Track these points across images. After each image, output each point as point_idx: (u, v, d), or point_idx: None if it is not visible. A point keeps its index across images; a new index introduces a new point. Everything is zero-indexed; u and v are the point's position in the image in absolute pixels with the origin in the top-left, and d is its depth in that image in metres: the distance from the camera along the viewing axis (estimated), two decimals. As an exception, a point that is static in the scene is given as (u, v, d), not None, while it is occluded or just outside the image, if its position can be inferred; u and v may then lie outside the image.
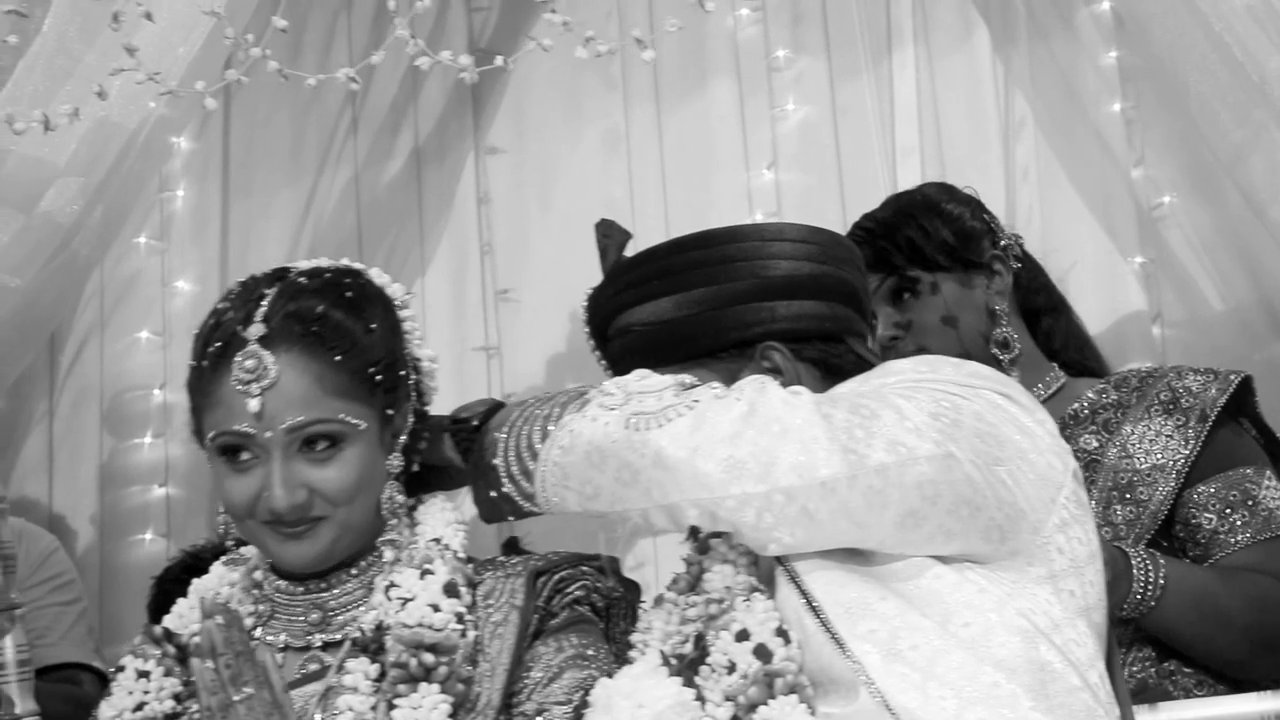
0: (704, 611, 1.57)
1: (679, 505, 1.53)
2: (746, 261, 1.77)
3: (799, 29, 3.09)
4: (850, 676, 1.48)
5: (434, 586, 1.59)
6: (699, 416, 1.54)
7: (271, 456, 1.57)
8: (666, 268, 1.80)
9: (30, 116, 2.09)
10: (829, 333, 1.77)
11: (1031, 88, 2.95)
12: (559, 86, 3.11)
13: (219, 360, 1.58)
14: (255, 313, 1.59)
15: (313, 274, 1.67)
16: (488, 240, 3.14)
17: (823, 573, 1.54)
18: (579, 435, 1.60)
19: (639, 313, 1.80)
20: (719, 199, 3.06)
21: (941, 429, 1.51)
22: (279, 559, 1.64)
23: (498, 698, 1.56)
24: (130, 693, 1.64)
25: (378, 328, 1.63)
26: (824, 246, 1.81)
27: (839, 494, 1.49)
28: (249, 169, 3.20)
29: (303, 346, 1.58)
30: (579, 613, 1.64)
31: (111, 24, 2.03)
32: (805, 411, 1.52)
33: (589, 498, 1.59)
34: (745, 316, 1.75)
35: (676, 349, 1.76)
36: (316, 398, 1.57)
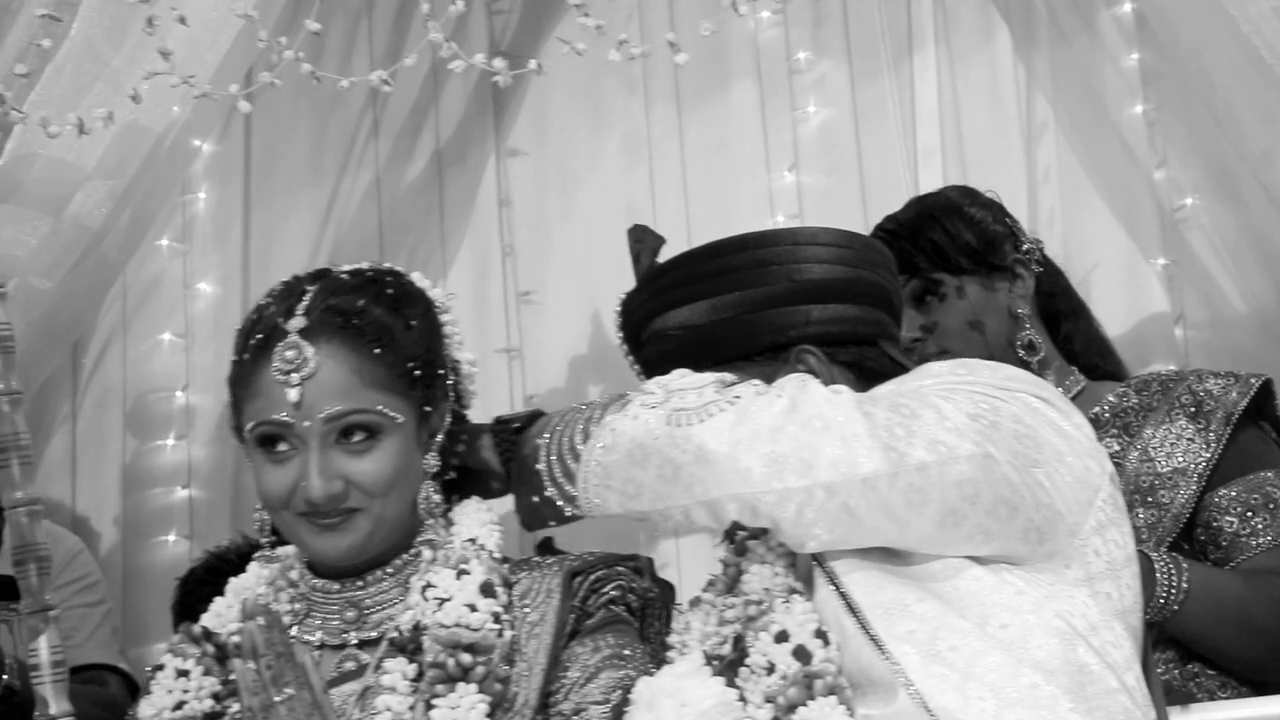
0: (742, 613, 1.58)
1: (720, 500, 1.54)
2: (781, 265, 1.78)
3: (820, 31, 3.09)
4: (889, 677, 1.49)
5: (470, 586, 1.60)
6: (741, 411, 1.55)
7: (309, 447, 1.59)
8: (701, 272, 1.82)
9: (64, 120, 2.10)
10: (862, 336, 1.79)
11: (1053, 90, 2.96)
12: (580, 89, 3.12)
13: (260, 352, 1.60)
14: (296, 306, 1.62)
15: (355, 273, 1.69)
16: (509, 242, 3.15)
17: (861, 574, 1.55)
18: (621, 433, 1.61)
19: (673, 317, 1.81)
20: (740, 201, 3.07)
21: (980, 430, 1.52)
22: (313, 552, 1.64)
23: (535, 697, 1.57)
24: (170, 691, 1.65)
25: (417, 325, 1.65)
26: (858, 250, 1.83)
27: (880, 491, 1.50)
28: (271, 172, 3.20)
29: (342, 339, 1.60)
30: (615, 613, 1.65)
31: (146, 28, 2.05)
32: (847, 409, 1.54)
33: (631, 497, 1.60)
34: (780, 320, 1.77)
35: (711, 353, 1.77)
36: (354, 388, 1.59)
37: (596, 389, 3.06)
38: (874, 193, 2.99)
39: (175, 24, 2.39)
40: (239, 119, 3.12)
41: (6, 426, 2.10)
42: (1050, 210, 2.92)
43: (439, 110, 3.21)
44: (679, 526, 1.62)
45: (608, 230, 3.11)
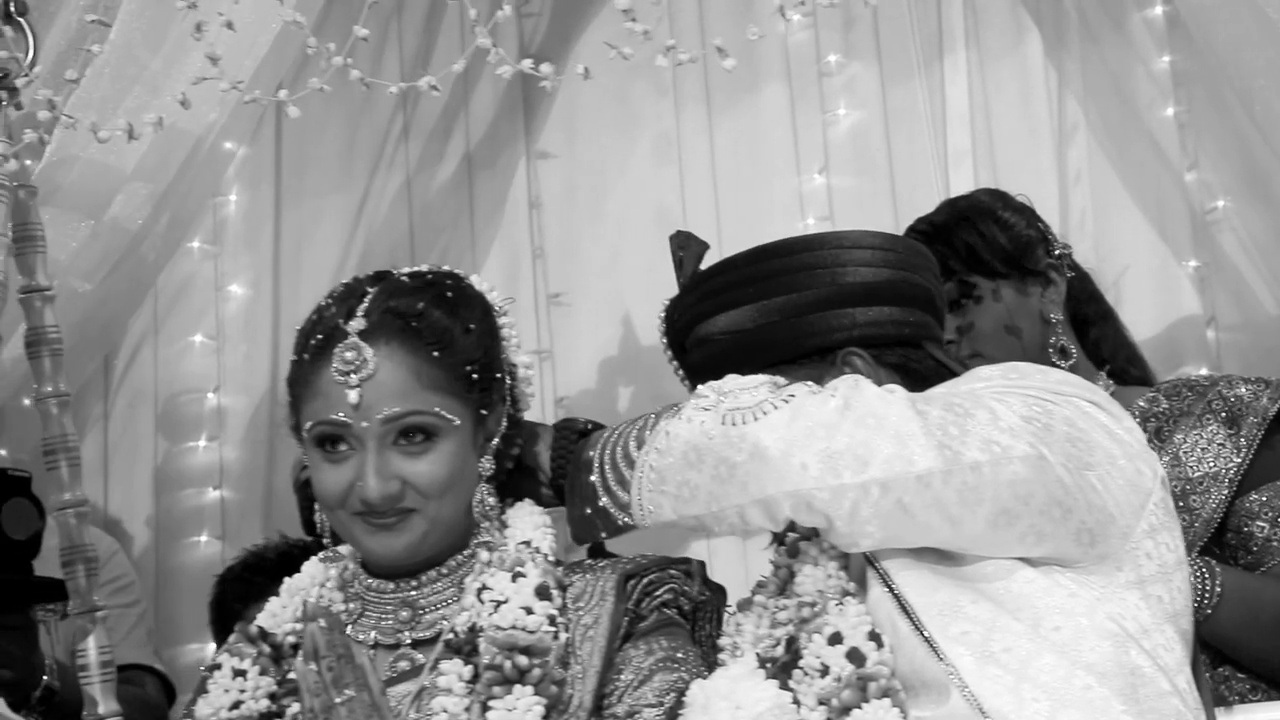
0: (795, 615, 1.58)
1: (775, 498, 1.55)
2: (826, 269, 1.79)
3: (850, 34, 3.10)
4: (943, 679, 1.49)
5: (526, 589, 1.60)
6: (796, 409, 1.56)
7: (366, 447, 1.59)
8: (746, 277, 1.82)
9: (115, 125, 2.11)
10: (908, 338, 1.80)
11: (1084, 92, 2.96)
12: (611, 91, 3.13)
13: (319, 353, 1.62)
14: (356, 308, 1.63)
15: (414, 275, 1.70)
16: (539, 245, 3.16)
17: (915, 575, 1.55)
18: (675, 436, 1.61)
19: (719, 322, 1.82)
20: (770, 203, 3.08)
21: (1034, 431, 1.53)
22: (368, 551, 1.65)
23: (589, 699, 1.58)
24: (227, 691, 1.66)
25: (475, 328, 1.66)
26: (901, 253, 1.83)
27: (934, 488, 1.51)
28: (301, 174, 3.22)
29: (401, 340, 1.61)
30: (667, 615, 1.65)
31: (194, 34, 2.05)
32: (901, 407, 1.54)
33: (685, 500, 1.60)
34: (826, 323, 1.77)
35: (758, 357, 1.78)
36: (413, 390, 1.60)
37: (627, 390, 3.07)
38: (904, 195, 2.99)
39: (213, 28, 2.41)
40: (270, 122, 3.13)
41: (55, 428, 2.13)
42: (1081, 212, 2.93)
43: (469, 113, 3.22)
44: (733, 528, 1.62)
45: (638, 232, 3.13)
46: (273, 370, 3.12)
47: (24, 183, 2.09)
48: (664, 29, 3.14)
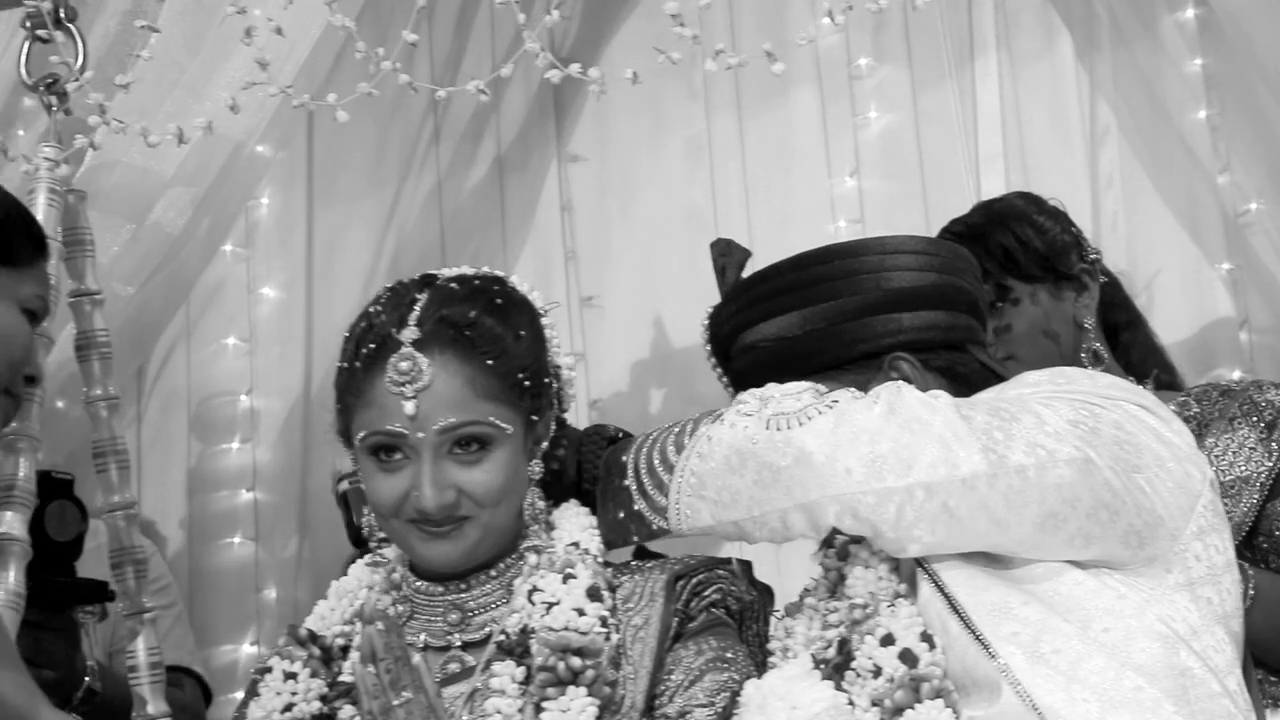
0: (847, 616, 1.59)
1: (819, 503, 1.56)
2: (871, 274, 1.80)
3: (881, 37, 3.10)
4: (995, 677, 1.50)
5: (577, 590, 1.61)
6: (840, 415, 1.57)
7: (422, 457, 1.60)
8: (790, 284, 1.84)
9: (166, 129, 2.12)
10: (953, 342, 1.81)
11: (1115, 95, 2.96)
12: (640, 94, 3.12)
13: (372, 362, 1.62)
14: (408, 316, 1.63)
15: (461, 280, 1.70)
16: (571, 247, 3.16)
17: (965, 577, 1.57)
18: (718, 441, 1.62)
19: (764, 329, 1.83)
20: (801, 206, 3.08)
21: (1081, 435, 1.54)
22: (422, 558, 1.66)
23: (641, 700, 1.59)
24: (278, 694, 1.67)
25: (525, 335, 1.67)
26: (945, 257, 1.85)
27: (979, 492, 1.52)
28: (333, 177, 3.22)
29: (455, 350, 1.61)
30: (716, 616, 1.66)
31: (244, 39, 2.07)
32: (945, 411, 1.56)
33: (725, 505, 1.61)
34: (873, 329, 1.78)
35: (804, 363, 1.79)
36: (468, 400, 1.60)
37: (660, 392, 3.08)
38: (935, 198, 3.00)
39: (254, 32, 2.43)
40: (302, 125, 3.14)
41: (104, 431, 2.14)
42: (1113, 215, 2.93)
43: (500, 116, 3.23)
44: (773, 534, 1.64)
45: (670, 235, 3.14)
46: (306, 372, 3.13)
47: (73, 187, 2.10)
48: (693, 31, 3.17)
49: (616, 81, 2.37)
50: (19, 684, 1.41)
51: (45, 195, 2.01)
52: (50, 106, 2.09)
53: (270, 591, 3.07)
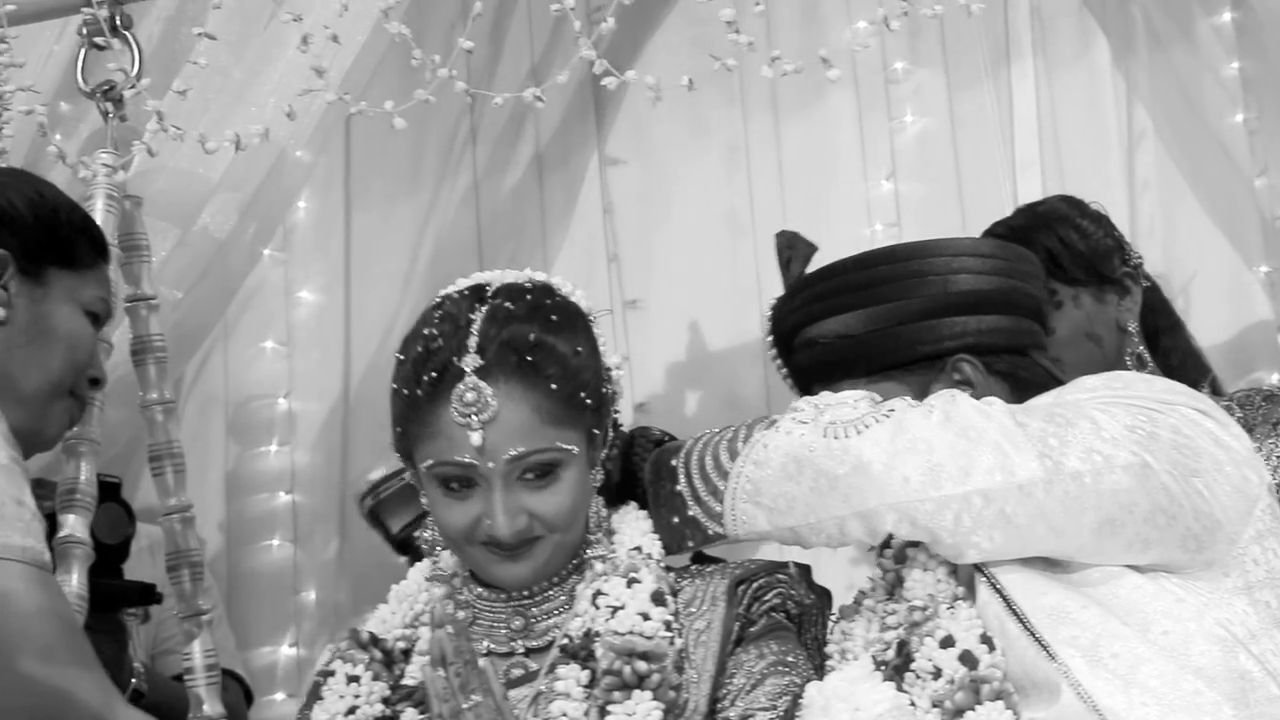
0: (906, 618, 1.60)
1: (877, 510, 1.57)
2: (937, 276, 1.81)
3: (917, 41, 3.11)
4: (1055, 678, 1.51)
5: (642, 595, 1.63)
6: (897, 423, 1.59)
7: (492, 485, 1.60)
8: (855, 282, 1.84)
9: (223, 136, 2.14)
10: (1016, 346, 1.81)
11: (1152, 99, 2.96)
12: (679, 98, 3.13)
13: (435, 391, 1.60)
14: (468, 341, 1.61)
15: (514, 294, 1.67)
16: (614, 250, 3.17)
17: (1023, 580, 1.57)
18: (774, 448, 1.63)
19: (827, 326, 1.84)
20: (838, 209, 3.09)
21: (1138, 440, 1.55)
22: (495, 579, 1.67)
23: (704, 704, 1.60)
24: (341, 696, 1.68)
25: (583, 350, 1.65)
26: (1011, 262, 1.85)
27: (1036, 498, 1.53)
28: (370, 179, 3.23)
29: (519, 377, 1.59)
30: (776, 620, 1.67)
31: (300, 46, 2.08)
32: (1001, 419, 1.57)
33: (781, 512, 1.63)
34: (936, 331, 1.79)
35: (866, 362, 1.80)
36: (535, 428, 1.59)
37: (698, 395, 3.09)
38: (972, 201, 3.00)
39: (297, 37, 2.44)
40: (339, 129, 3.16)
41: (160, 435, 2.16)
42: (1150, 219, 2.93)
43: (538, 119, 3.23)
44: (830, 540, 1.65)
45: (709, 238, 3.15)
46: (344, 375, 3.14)
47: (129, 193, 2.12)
48: (730, 38, 3.18)
49: (643, 84, 2.39)
50: (97, 683, 1.43)
51: (103, 201, 2.03)
52: (107, 113, 2.10)
53: (309, 593, 3.08)
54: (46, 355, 1.68)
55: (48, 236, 1.71)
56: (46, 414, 1.69)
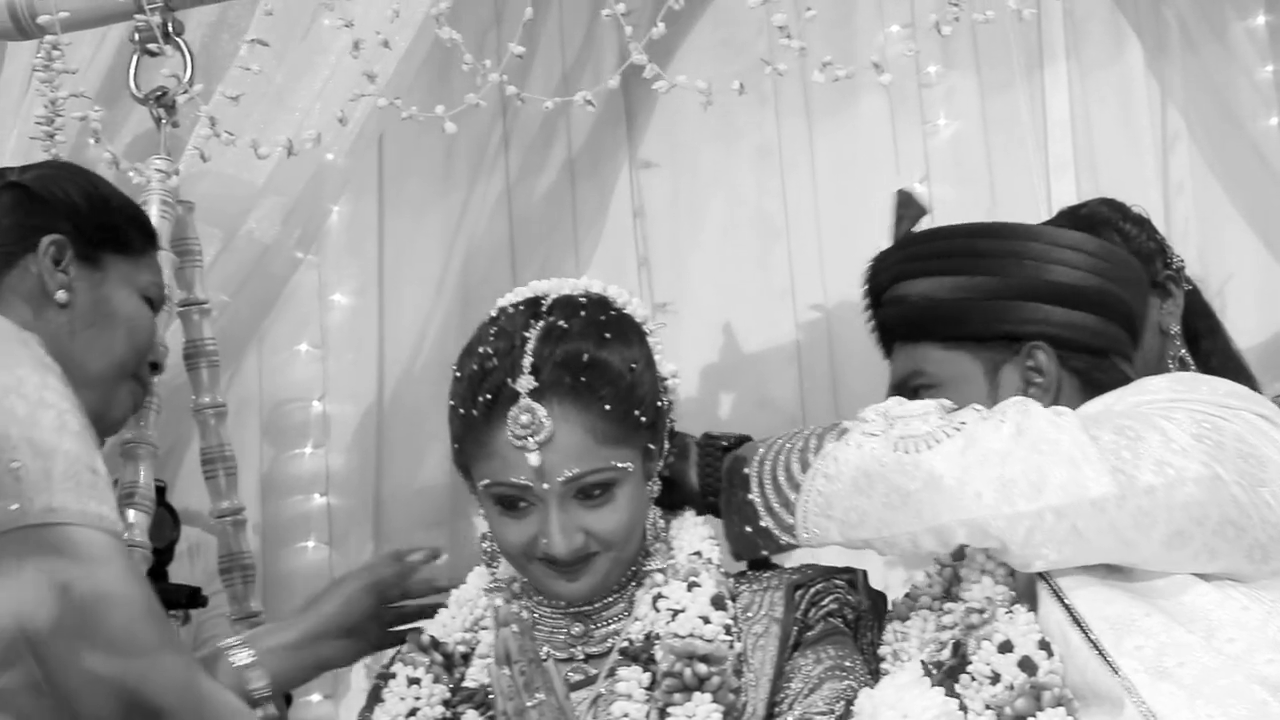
0: (963, 620, 1.61)
1: (949, 525, 1.57)
2: (1035, 261, 1.81)
3: (949, 44, 3.11)
4: (1117, 692, 1.51)
5: (702, 598, 1.64)
6: (969, 437, 1.58)
7: (549, 505, 1.61)
8: (956, 249, 1.85)
9: (275, 141, 2.15)
10: (1097, 347, 1.81)
11: (1185, 101, 2.97)
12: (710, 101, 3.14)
13: (490, 412, 1.61)
14: (522, 361, 1.61)
15: (569, 309, 1.67)
16: (644, 254, 3.18)
17: (1086, 588, 1.58)
18: (845, 462, 1.63)
19: (919, 285, 1.84)
20: (871, 212, 3.06)
21: (1207, 450, 1.55)
22: (553, 594, 1.68)
23: (762, 708, 1.61)
24: (402, 698, 1.70)
25: (638, 367, 1.66)
26: (1113, 265, 1.85)
27: (1108, 513, 1.53)
28: (403, 183, 3.24)
29: (574, 398, 1.60)
30: (833, 624, 1.68)
31: (352, 52, 2.09)
32: (1073, 432, 1.57)
33: (853, 525, 1.63)
34: (1020, 313, 1.79)
35: (946, 327, 1.81)
36: (590, 448, 1.60)
37: (731, 397, 3.10)
38: (1005, 204, 3.01)
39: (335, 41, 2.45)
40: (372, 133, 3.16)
41: (213, 439, 2.17)
42: (1184, 221, 2.94)
43: (570, 122, 3.24)
44: (903, 552, 1.66)
45: (740, 241, 3.16)
46: (378, 378, 3.15)
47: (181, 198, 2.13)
48: (762, 42, 3.19)
49: (675, 88, 2.40)
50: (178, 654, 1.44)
51: (158, 206, 2.04)
52: (159, 119, 2.11)
53: (344, 595, 3.08)
54: (109, 338, 1.70)
55: (102, 223, 1.73)
56: (112, 396, 1.70)
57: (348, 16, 2.07)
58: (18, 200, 1.68)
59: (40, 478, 1.36)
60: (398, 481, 3.13)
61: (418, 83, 2.72)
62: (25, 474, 1.35)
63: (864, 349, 2.97)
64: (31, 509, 1.35)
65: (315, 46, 2.51)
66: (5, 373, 1.40)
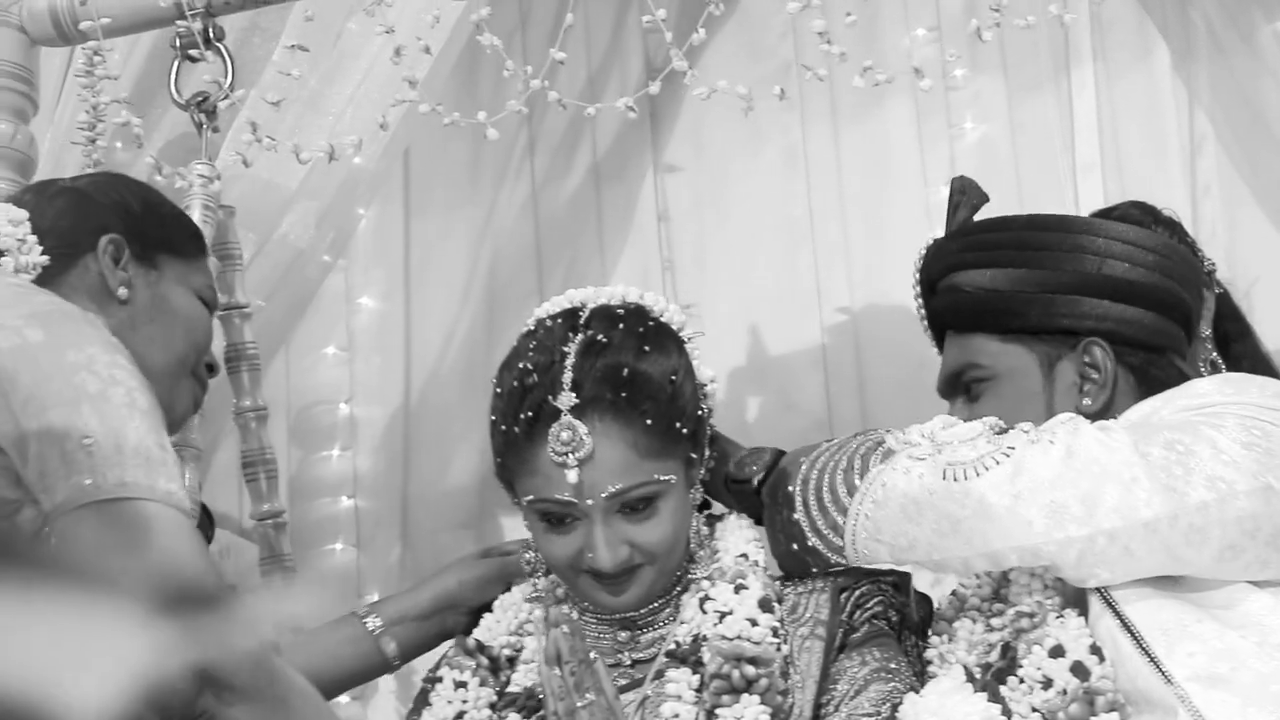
0: (1012, 624, 1.61)
1: (1001, 552, 1.57)
2: (1095, 256, 1.81)
3: (976, 48, 3.11)
4: (1170, 700, 1.51)
5: (749, 601, 1.64)
6: (1017, 463, 1.57)
7: (593, 520, 1.62)
8: (1014, 240, 1.85)
9: (317, 146, 2.16)
10: (1154, 344, 1.81)
11: (1213, 104, 2.97)
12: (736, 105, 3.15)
13: (531, 429, 1.62)
14: (562, 378, 1.61)
15: (608, 321, 1.68)
16: (668, 257, 3.19)
17: (1138, 596, 1.57)
18: (892, 489, 1.63)
19: (975, 276, 1.84)
20: (897, 216, 3.09)
21: (1257, 459, 1.54)
22: (600, 605, 1.69)
23: (809, 710, 1.62)
24: (449, 702, 1.71)
25: (678, 379, 1.66)
26: (1174, 262, 1.85)
27: (1160, 533, 1.53)
28: (429, 187, 3.25)
29: (614, 414, 1.61)
30: (878, 627, 1.69)
31: (393, 58, 2.10)
32: (1124, 451, 1.56)
33: (903, 549, 1.63)
34: (1078, 308, 1.79)
35: (1002, 319, 1.81)
36: (632, 463, 1.61)
37: (757, 400, 3.10)
38: (1032, 207, 2.98)
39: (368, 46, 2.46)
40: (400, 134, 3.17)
41: (254, 442, 2.18)
42: (1212, 224, 2.94)
43: (595, 126, 3.25)
44: (955, 572, 1.66)
45: (766, 244, 3.16)
46: (405, 381, 3.16)
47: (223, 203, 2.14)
48: (788, 45, 3.20)
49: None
50: None
51: (200, 211, 2.05)
52: (200, 124, 2.12)
53: (372, 598, 3.08)
54: (168, 333, 1.73)
55: (155, 226, 1.76)
56: (174, 392, 1.73)
57: (387, 22, 2.07)
58: (74, 203, 1.70)
59: (111, 453, 1.38)
60: (425, 483, 3.14)
61: (447, 87, 2.73)
62: (97, 449, 1.37)
63: (891, 352, 3.02)
64: (104, 484, 1.37)
65: (347, 51, 2.52)
66: (76, 351, 1.42)
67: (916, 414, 2.54)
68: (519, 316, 3.23)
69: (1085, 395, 1.79)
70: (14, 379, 1.39)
